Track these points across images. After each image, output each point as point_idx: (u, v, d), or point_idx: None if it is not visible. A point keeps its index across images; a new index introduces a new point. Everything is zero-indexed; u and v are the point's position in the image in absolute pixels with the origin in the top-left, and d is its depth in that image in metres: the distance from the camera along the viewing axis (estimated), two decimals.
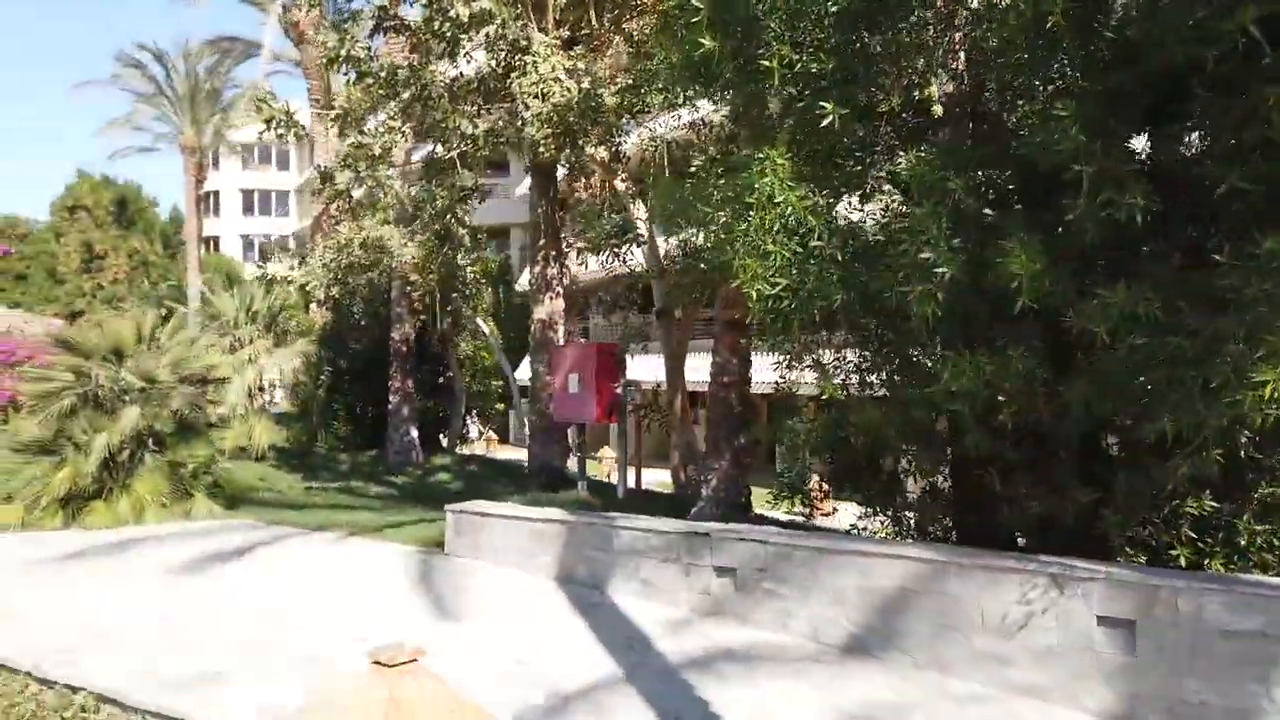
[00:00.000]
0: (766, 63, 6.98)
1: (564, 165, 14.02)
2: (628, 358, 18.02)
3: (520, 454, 31.77)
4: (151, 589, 9.96)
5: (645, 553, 9.61)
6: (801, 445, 9.61)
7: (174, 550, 11.80)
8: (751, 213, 7.10)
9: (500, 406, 32.11)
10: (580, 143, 13.71)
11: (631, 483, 16.08)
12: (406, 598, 9.54)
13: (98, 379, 14.06)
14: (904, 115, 7.71)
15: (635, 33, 14.66)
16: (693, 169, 10.22)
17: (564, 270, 18.00)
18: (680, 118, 14.10)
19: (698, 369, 15.65)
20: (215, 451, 14.63)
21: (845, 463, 9.43)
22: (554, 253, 17.86)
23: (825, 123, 6.88)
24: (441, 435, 25.53)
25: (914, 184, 7.07)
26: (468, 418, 27.12)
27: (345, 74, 13.25)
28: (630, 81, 13.46)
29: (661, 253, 15.41)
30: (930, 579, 7.79)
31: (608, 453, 29.73)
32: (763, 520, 12.09)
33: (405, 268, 21.94)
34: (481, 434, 32.11)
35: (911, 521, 9.50)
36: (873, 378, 8.83)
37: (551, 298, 17.91)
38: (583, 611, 9.07)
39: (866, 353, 8.59)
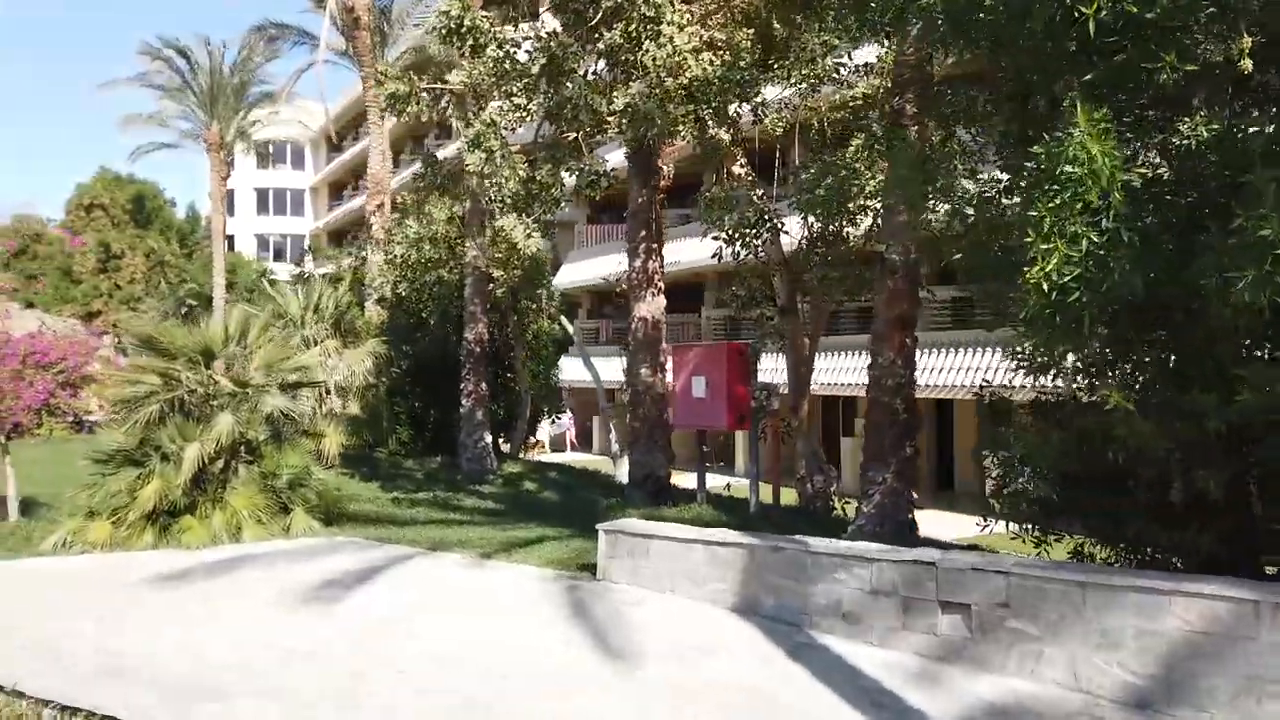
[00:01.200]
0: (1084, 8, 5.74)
1: (693, 145, 12.75)
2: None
3: (580, 459, 30.69)
4: (282, 622, 8.81)
5: (847, 583, 8.41)
6: (1026, 459, 8.40)
7: (288, 573, 10.66)
8: (1056, 186, 5.88)
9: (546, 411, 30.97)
10: (709, 121, 12.50)
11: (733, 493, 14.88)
12: (565, 634, 8.36)
13: (187, 383, 12.93)
14: (1217, 71, 6.48)
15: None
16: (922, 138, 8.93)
17: (663, 264, 16.80)
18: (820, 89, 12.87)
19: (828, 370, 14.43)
20: (310, 461, 13.48)
21: (1086, 479, 8.19)
22: (655, 244, 16.64)
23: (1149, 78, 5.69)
24: (501, 440, 24.33)
25: (1248, 146, 5.87)
26: (537, 422, 25.92)
27: (460, 48, 12.06)
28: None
29: (787, 243, 14.21)
30: (1237, 621, 6.58)
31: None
32: (931, 543, 10.89)
33: (482, 262, 20.82)
34: (536, 441, 30.97)
35: (1152, 550, 8.29)
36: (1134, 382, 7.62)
37: (654, 294, 16.68)
38: (791, 653, 7.87)
39: (1141, 353, 7.36)
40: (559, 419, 31.76)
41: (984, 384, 8.83)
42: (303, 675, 7.24)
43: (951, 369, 22.85)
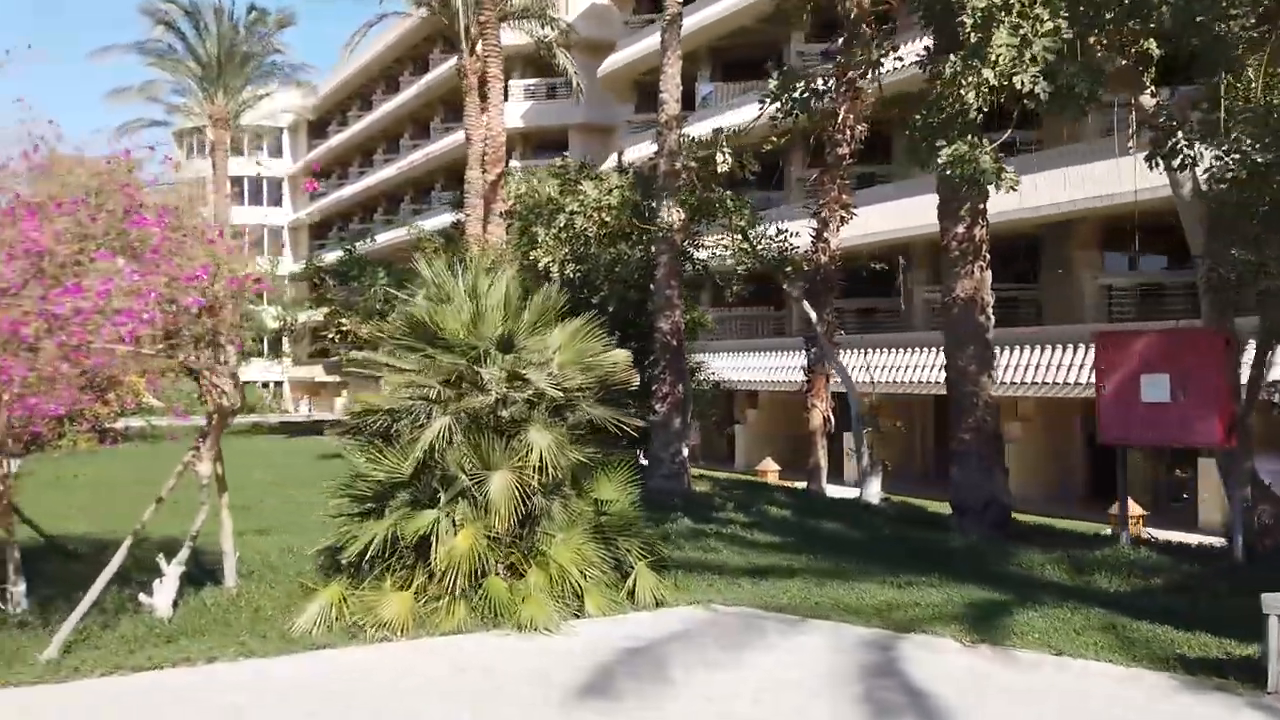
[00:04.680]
0: None
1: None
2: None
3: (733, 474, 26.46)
4: None
5: None
6: None
7: (749, 679, 6.97)
8: None
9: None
10: None
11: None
12: None
13: (495, 387, 9.13)
14: None
15: None
16: None
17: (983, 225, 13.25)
18: None
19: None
20: (632, 493, 9.73)
21: None
22: (980, 205, 13.14)
23: None
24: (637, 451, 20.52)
25: None
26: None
27: None
28: None
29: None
30: None
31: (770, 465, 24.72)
32: None
33: (680, 235, 17.10)
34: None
35: None
36: None
37: (980, 268, 13.17)
38: None
39: None
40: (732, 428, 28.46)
41: None
42: None
43: None
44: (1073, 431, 24.40)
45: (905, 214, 23.80)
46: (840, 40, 19.50)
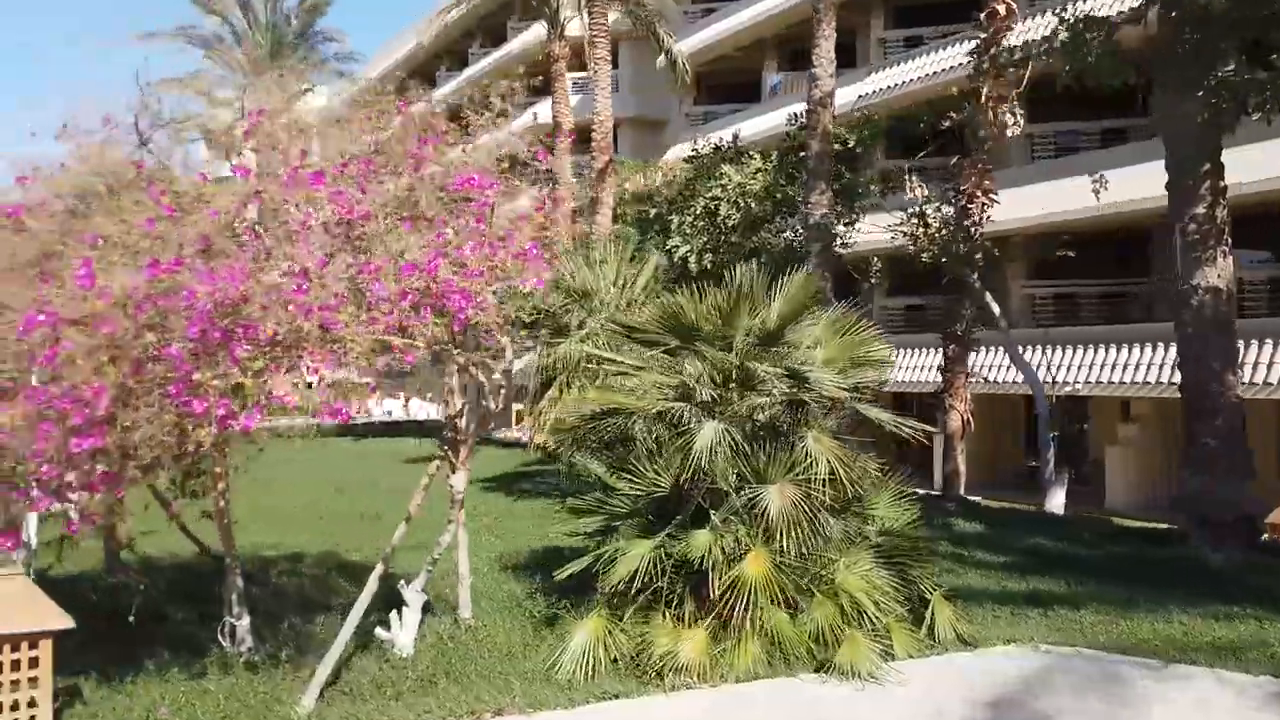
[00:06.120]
0: None
1: None
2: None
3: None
4: None
5: None
6: None
7: None
8: None
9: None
10: None
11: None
12: None
13: (755, 384, 7.86)
14: None
15: None
16: None
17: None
18: None
19: None
20: (911, 509, 8.43)
21: None
22: (1219, 178, 11.82)
23: None
24: None
25: None
26: None
27: None
28: None
29: None
30: None
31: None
32: None
33: (830, 219, 15.80)
34: None
35: None
36: None
37: (1222, 254, 11.85)
38: None
39: None
40: None
41: None
42: None
43: None
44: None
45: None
46: (984, 14, 18.26)
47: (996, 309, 15.96)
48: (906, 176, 16.51)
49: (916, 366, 23.67)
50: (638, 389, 8.10)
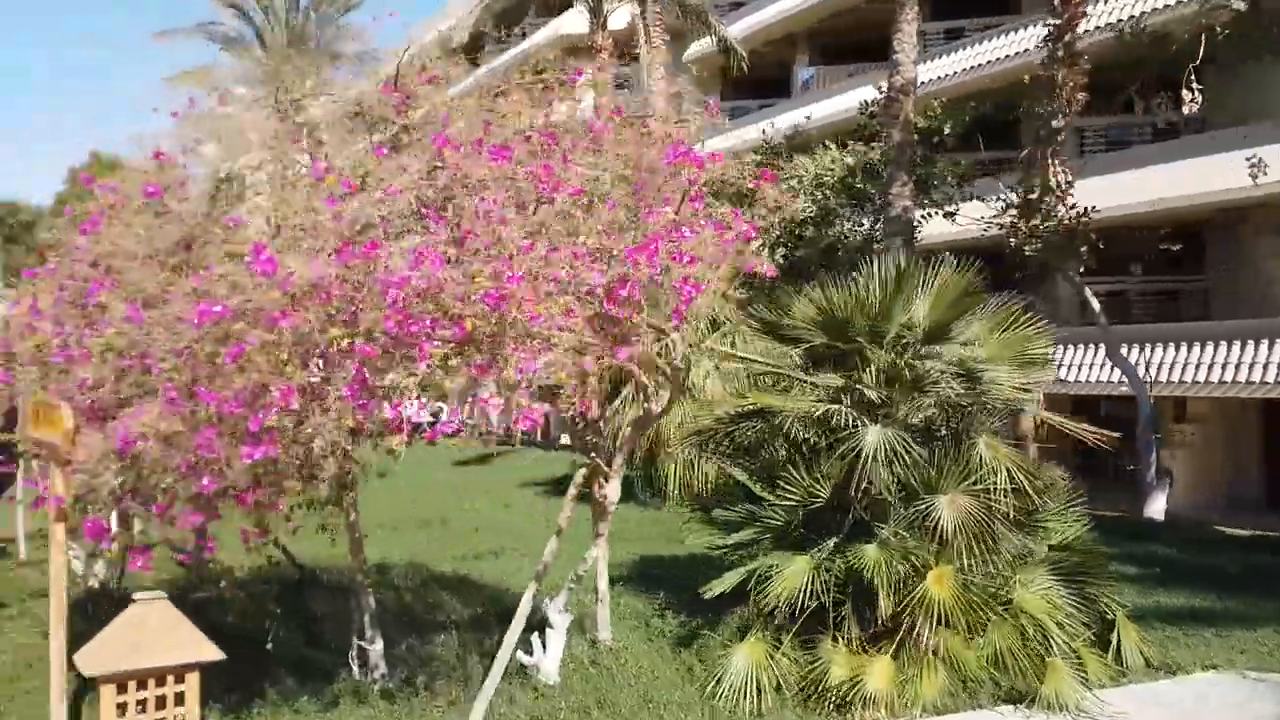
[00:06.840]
0: None
1: None
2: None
3: None
4: None
5: None
6: None
7: None
8: None
9: None
10: None
11: None
12: None
13: (922, 385, 7.21)
14: None
15: None
16: None
17: None
18: None
19: None
20: (1083, 520, 7.77)
21: None
22: None
23: None
24: None
25: None
26: None
27: None
28: None
29: None
30: None
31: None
32: None
33: (913, 211, 15.15)
34: None
35: None
36: None
37: None
38: None
39: None
40: None
41: None
42: None
43: None
44: (1249, 433, 22.09)
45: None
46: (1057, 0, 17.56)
47: (1096, 304, 15.24)
48: (979, 167, 15.76)
49: None
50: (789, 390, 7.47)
